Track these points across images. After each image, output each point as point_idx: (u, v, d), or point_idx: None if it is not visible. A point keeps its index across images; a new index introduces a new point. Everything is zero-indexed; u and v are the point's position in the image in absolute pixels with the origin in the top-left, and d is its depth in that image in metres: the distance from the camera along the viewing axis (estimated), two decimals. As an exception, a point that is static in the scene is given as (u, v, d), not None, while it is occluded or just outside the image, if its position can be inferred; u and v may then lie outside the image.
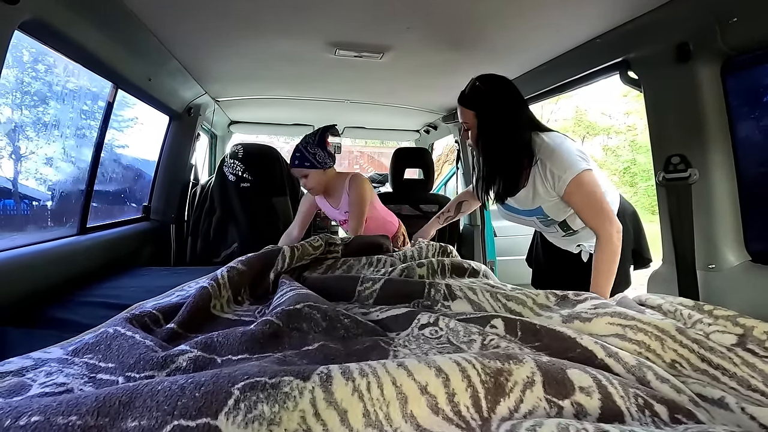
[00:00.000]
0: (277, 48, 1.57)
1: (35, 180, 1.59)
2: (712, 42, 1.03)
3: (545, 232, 1.57)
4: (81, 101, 1.68)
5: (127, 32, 1.32)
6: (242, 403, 0.53)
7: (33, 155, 1.55)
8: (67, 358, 0.75)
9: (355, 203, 1.81)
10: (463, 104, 1.32)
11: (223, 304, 1.04)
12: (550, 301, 1.02)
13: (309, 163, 1.78)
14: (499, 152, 1.30)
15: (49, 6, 0.97)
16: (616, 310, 0.86)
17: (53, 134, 1.61)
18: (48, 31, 1.01)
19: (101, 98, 1.60)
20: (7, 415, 0.50)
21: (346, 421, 0.55)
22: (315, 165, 1.78)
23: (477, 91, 1.29)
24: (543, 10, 1.23)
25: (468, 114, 1.31)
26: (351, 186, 1.85)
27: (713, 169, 1.11)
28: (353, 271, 1.36)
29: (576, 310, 0.93)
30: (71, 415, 0.51)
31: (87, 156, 1.58)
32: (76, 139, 1.68)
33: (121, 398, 0.53)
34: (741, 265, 1.10)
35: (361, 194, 1.82)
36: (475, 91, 1.30)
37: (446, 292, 1.09)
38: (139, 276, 1.52)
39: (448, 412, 0.57)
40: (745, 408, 0.58)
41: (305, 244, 1.32)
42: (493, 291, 1.11)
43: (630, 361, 0.68)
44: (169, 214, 2.17)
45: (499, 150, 1.30)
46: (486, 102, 1.28)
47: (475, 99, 1.30)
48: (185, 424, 0.51)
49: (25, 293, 1.12)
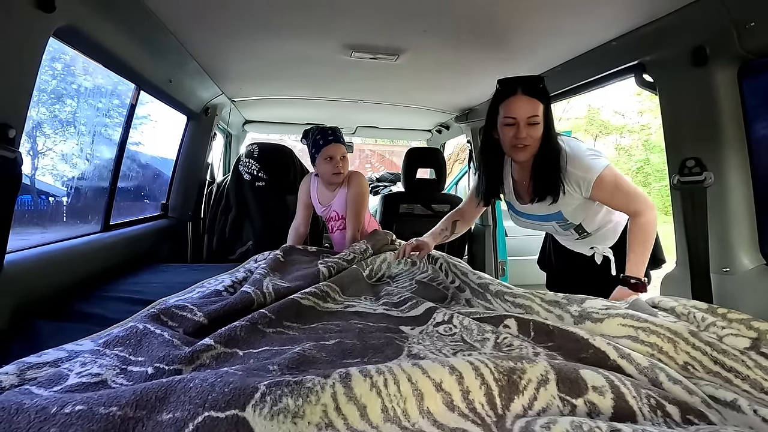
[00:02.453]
0: (293, 50, 1.60)
1: (57, 178, 1.65)
2: (728, 46, 1.03)
3: (559, 236, 1.54)
4: (101, 100, 1.72)
5: (150, 35, 1.36)
6: (268, 397, 0.56)
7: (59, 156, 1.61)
8: (99, 349, 0.79)
9: (355, 202, 1.78)
10: (536, 96, 1.20)
11: None
12: (558, 297, 1.03)
13: (346, 147, 1.78)
14: (554, 151, 1.24)
15: (81, 13, 1.02)
16: (628, 312, 0.87)
17: (71, 133, 1.66)
18: (79, 37, 1.06)
19: (115, 95, 1.65)
20: (54, 404, 0.54)
21: (365, 416, 0.57)
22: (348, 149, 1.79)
23: (542, 83, 1.23)
24: (559, 13, 1.23)
25: (539, 107, 1.20)
26: (352, 182, 1.81)
27: (728, 172, 1.11)
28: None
29: (585, 307, 0.94)
30: (112, 406, 0.54)
31: (104, 154, 1.62)
32: (99, 138, 1.73)
33: (156, 393, 0.57)
34: (756, 269, 1.10)
35: (364, 192, 1.79)
36: (541, 82, 1.23)
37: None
38: (159, 272, 1.57)
39: (463, 408, 0.60)
40: (758, 410, 0.59)
41: (340, 261, 1.40)
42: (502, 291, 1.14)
43: (642, 363, 0.69)
44: (186, 212, 2.23)
45: (554, 149, 1.24)
46: (548, 96, 1.24)
47: (544, 91, 1.22)
48: (215, 416, 0.54)
49: (55, 288, 1.18)
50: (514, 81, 1.23)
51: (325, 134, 1.77)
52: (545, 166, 1.25)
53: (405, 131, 3.40)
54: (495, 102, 1.27)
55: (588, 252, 1.47)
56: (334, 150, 1.76)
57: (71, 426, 0.52)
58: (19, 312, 1.01)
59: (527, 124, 1.20)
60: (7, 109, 0.84)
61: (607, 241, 1.42)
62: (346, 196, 1.84)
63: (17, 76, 0.87)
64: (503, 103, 1.23)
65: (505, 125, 1.23)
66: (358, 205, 1.79)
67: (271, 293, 1.09)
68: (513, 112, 1.21)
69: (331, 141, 1.75)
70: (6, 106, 0.84)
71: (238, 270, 1.42)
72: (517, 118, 1.20)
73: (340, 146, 1.77)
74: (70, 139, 1.64)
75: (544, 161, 1.25)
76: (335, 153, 1.76)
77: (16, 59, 0.86)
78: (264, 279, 1.17)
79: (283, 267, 1.38)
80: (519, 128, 1.20)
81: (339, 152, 1.76)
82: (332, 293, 1.17)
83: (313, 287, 1.13)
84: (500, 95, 1.25)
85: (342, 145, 1.78)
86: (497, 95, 1.26)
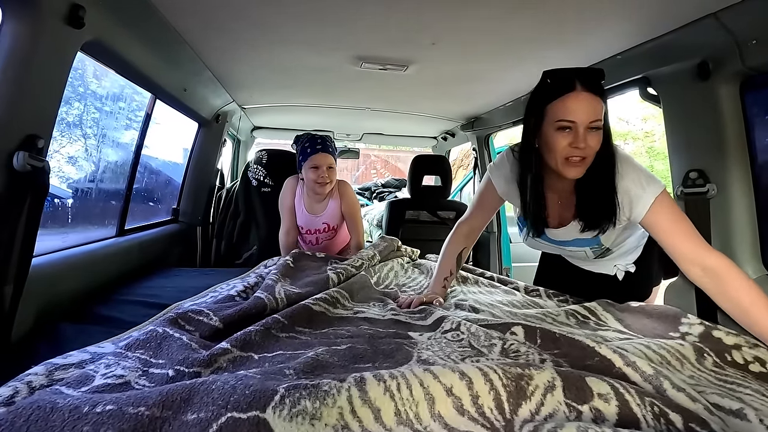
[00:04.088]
0: (305, 60, 1.64)
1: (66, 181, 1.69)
2: (731, 62, 1.06)
3: (573, 259, 1.34)
4: (107, 103, 1.74)
5: (167, 46, 1.40)
6: (287, 399, 0.59)
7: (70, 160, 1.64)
8: (121, 352, 0.82)
9: (353, 212, 1.73)
10: (599, 93, 0.97)
11: None
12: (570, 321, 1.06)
13: (335, 157, 1.71)
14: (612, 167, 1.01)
15: (106, 28, 1.06)
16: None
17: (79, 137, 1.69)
18: (103, 50, 1.11)
19: (122, 98, 1.68)
20: (85, 403, 0.57)
21: (379, 418, 0.60)
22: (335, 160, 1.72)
23: (604, 77, 0.99)
24: (565, 28, 1.26)
25: (601, 108, 0.97)
26: (344, 193, 1.76)
27: (731, 184, 1.13)
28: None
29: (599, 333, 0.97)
30: (140, 406, 0.57)
31: (110, 157, 1.65)
32: (107, 141, 1.77)
33: (181, 394, 0.60)
34: (758, 279, 1.12)
35: (357, 200, 1.76)
36: (603, 77, 0.99)
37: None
38: (171, 276, 1.60)
39: (473, 412, 0.62)
40: (764, 420, 0.61)
41: (348, 267, 1.42)
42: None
43: (647, 371, 0.71)
44: (196, 217, 2.27)
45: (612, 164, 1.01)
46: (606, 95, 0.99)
47: (603, 89, 0.98)
48: (237, 416, 0.57)
49: (75, 291, 1.21)
50: (570, 72, 0.97)
51: (313, 142, 1.70)
52: (599, 185, 1.00)
53: (411, 138, 3.43)
54: (541, 100, 1.00)
55: (611, 271, 1.28)
56: (320, 159, 1.68)
57: (103, 425, 0.55)
58: (43, 314, 1.04)
59: (588, 129, 0.95)
60: (37, 120, 0.89)
61: (629, 256, 1.26)
62: (338, 207, 1.80)
63: (47, 88, 0.91)
64: (556, 101, 0.97)
65: (559, 130, 0.97)
66: (357, 213, 1.77)
67: (283, 299, 1.12)
68: (571, 113, 0.95)
69: (318, 150, 1.68)
70: (36, 118, 0.88)
71: (249, 275, 1.45)
72: (577, 122, 0.95)
73: (327, 156, 1.69)
74: (76, 142, 1.67)
75: (598, 178, 1.00)
76: (321, 163, 1.68)
77: (46, 73, 0.90)
78: (276, 284, 1.20)
79: (293, 273, 1.41)
80: (578, 135, 0.95)
81: (326, 162, 1.69)
82: (342, 299, 1.20)
83: (323, 293, 1.16)
84: (551, 91, 0.98)
85: (330, 156, 1.70)
86: (546, 91, 1.00)
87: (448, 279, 1.29)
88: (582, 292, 1.30)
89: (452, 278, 1.32)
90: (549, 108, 0.98)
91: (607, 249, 1.19)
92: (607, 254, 1.22)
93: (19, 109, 0.85)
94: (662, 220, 0.98)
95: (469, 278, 1.55)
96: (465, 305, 1.20)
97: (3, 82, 0.80)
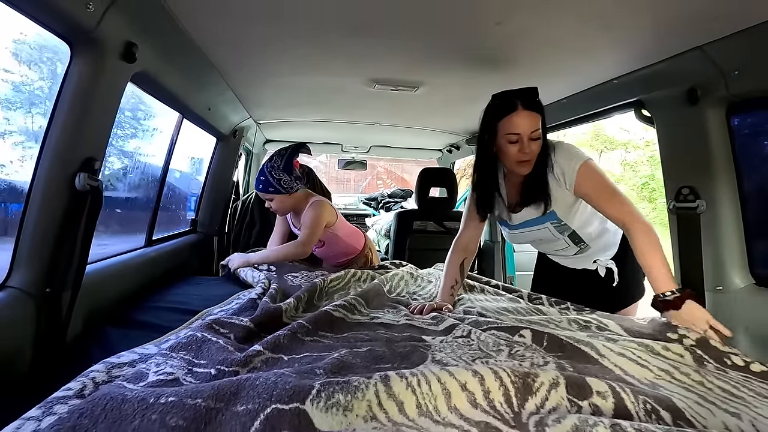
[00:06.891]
0: (321, 82, 1.75)
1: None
2: (717, 89, 1.15)
3: (557, 255, 1.54)
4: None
5: (198, 71, 1.52)
6: (323, 393, 0.68)
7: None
8: (167, 353, 0.91)
9: (305, 224, 1.82)
10: (536, 109, 1.20)
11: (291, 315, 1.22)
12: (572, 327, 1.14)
13: (273, 189, 1.78)
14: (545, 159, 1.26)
15: (152, 60, 1.18)
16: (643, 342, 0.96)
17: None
18: (148, 80, 1.22)
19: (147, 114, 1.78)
20: (150, 395, 0.67)
21: (403, 410, 0.69)
22: (279, 191, 1.78)
23: (538, 95, 1.21)
24: (563, 55, 1.36)
25: (539, 120, 1.20)
26: (308, 209, 1.85)
27: (719, 200, 1.22)
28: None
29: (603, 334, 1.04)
30: (197, 398, 0.66)
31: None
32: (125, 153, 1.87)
33: (230, 388, 0.68)
34: (746, 288, 1.21)
35: (315, 216, 1.82)
36: (537, 95, 1.21)
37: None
38: (195, 284, 1.70)
39: (485, 406, 0.71)
40: (756, 424, 0.66)
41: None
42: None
43: (646, 379, 0.79)
44: (213, 227, 2.37)
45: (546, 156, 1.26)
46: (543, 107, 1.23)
47: (540, 103, 1.21)
48: (281, 407, 0.66)
49: (113, 298, 1.31)
50: (512, 95, 1.20)
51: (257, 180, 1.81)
52: (535, 171, 1.25)
53: (417, 150, 3.54)
54: (493, 118, 1.24)
55: (592, 266, 1.47)
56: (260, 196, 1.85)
57: (168, 413, 0.63)
58: (90, 318, 1.14)
59: (530, 138, 1.19)
60: (94, 145, 0.99)
61: (608, 252, 1.45)
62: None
63: (102, 116, 1.02)
64: (504, 119, 1.20)
65: (509, 143, 1.21)
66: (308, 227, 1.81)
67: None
68: (516, 128, 1.19)
69: (257, 188, 1.81)
70: (93, 142, 0.99)
71: (262, 280, 1.56)
72: (522, 134, 1.18)
73: (260, 193, 1.82)
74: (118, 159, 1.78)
75: (535, 168, 1.25)
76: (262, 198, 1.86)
77: (102, 102, 1.01)
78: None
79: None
80: (523, 144, 1.19)
81: (263, 197, 1.86)
82: (358, 306, 1.29)
83: (342, 300, 1.26)
84: (499, 111, 1.22)
85: (261, 192, 1.81)
86: (495, 110, 1.23)
87: (454, 287, 1.42)
88: (574, 293, 1.45)
89: (458, 287, 1.45)
90: (500, 125, 1.22)
91: (584, 242, 1.39)
92: (585, 249, 1.42)
93: (80, 136, 0.96)
94: (590, 187, 1.22)
95: (476, 286, 1.63)
96: (473, 312, 1.29)
97: (69, 113, 0.91)
